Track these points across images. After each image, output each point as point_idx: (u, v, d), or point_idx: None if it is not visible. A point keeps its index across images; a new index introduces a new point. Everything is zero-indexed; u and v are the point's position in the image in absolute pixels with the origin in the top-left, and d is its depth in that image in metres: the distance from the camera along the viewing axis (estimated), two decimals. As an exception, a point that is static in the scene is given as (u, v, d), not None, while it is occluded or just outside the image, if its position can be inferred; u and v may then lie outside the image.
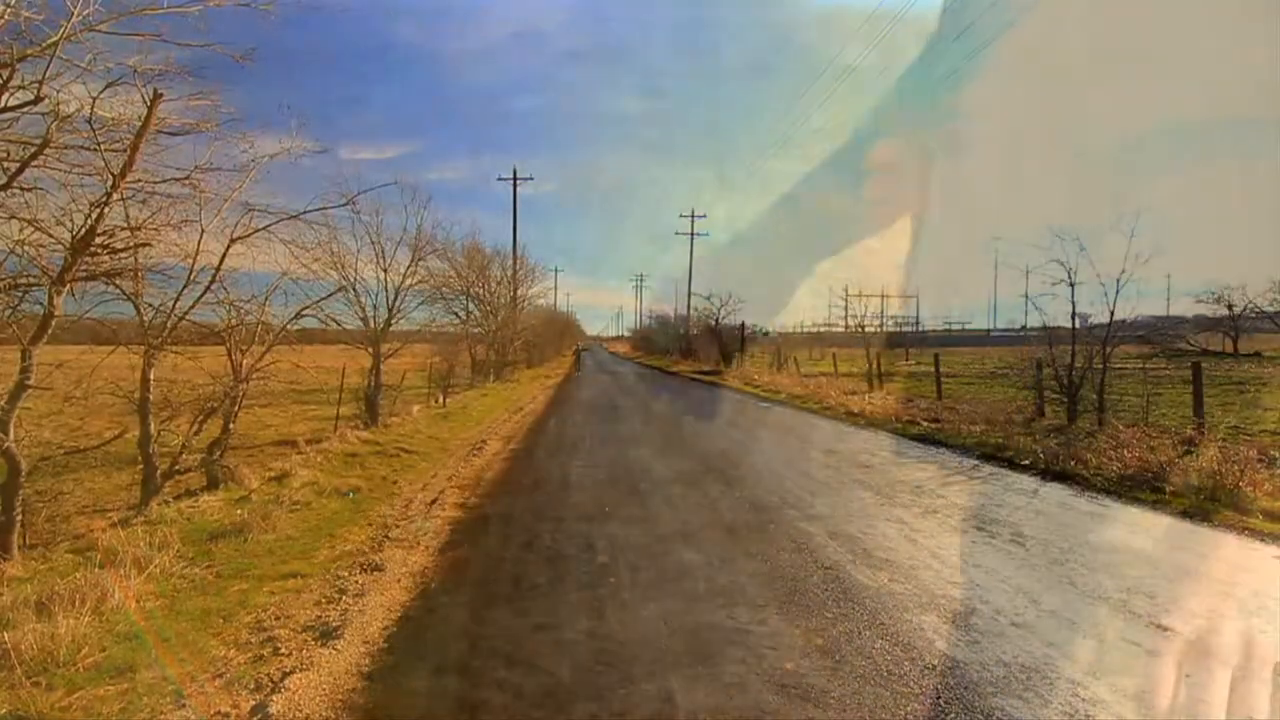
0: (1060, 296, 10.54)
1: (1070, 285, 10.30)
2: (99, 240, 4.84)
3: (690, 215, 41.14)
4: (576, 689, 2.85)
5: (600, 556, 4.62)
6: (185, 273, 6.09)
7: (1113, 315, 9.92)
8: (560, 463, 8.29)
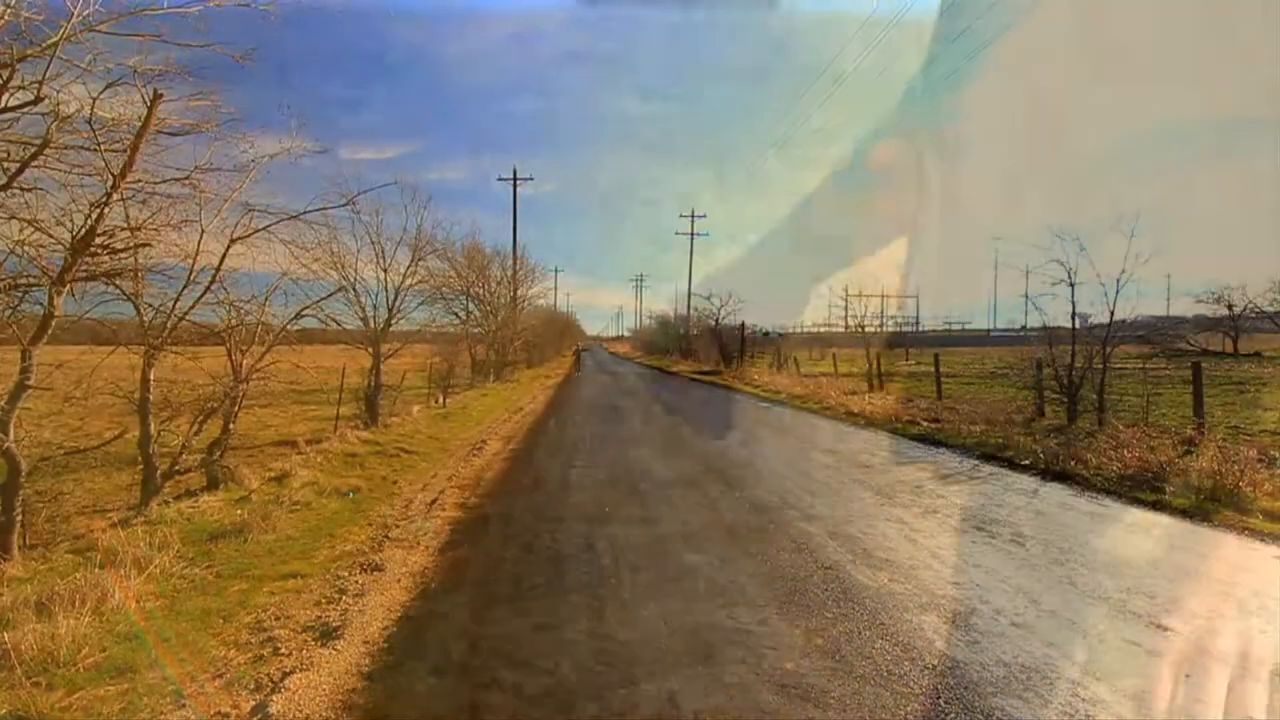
0: (1060, 296, 10.56)
1: (1070, 285, 10.31)
2: (99, 240, 4.84)
3: (690, 215, 41.33)
4: (577, 689, 2.85)
5: (600, 557, 4.62)
6: (185, 273, 6.10)
7: (1113, 315, 9.93)
8: (560, 463, 8.29)
